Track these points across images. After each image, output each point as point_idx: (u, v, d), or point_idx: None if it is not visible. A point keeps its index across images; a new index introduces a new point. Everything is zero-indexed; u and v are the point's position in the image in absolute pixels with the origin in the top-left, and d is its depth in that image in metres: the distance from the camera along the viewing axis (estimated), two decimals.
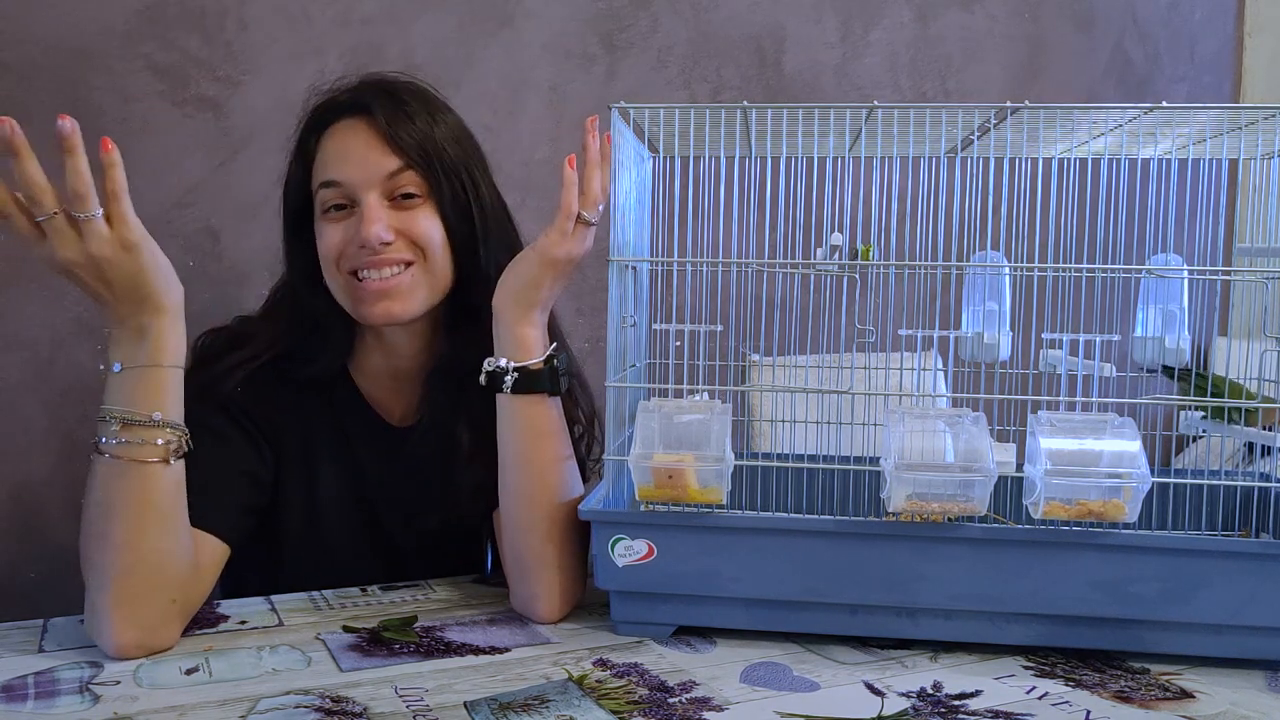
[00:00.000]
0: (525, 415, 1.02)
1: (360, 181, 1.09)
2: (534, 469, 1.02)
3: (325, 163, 1.11)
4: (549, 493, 1.02)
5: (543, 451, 1.02)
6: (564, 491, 1.03)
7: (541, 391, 1.01)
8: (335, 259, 1.10)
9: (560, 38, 1.95)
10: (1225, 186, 1.08)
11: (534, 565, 1.02)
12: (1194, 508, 1.07)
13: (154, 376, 0.90)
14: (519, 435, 1.02)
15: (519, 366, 1.01)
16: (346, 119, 1.12)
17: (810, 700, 0.85)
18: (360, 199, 1.09)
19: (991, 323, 1.07)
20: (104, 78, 1.60)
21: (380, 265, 1.08)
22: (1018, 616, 0.93)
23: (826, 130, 1.05)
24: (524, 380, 1.01)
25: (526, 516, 1.02)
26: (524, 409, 1.02)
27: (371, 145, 1.09)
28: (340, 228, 1.10)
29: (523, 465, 1.02)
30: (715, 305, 1.09)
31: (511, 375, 1.01)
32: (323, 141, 1.12)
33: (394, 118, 1.10)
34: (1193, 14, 2.65)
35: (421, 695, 0.85)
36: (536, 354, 1.01)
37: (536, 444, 1.02)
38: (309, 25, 1.73)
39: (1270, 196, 1.04)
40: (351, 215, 1.10)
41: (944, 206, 1.06)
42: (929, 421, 0.94)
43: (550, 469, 1.02)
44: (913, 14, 2.29)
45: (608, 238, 0.99)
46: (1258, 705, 0.85)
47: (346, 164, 1.10)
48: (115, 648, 0.91)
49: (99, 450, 0.90)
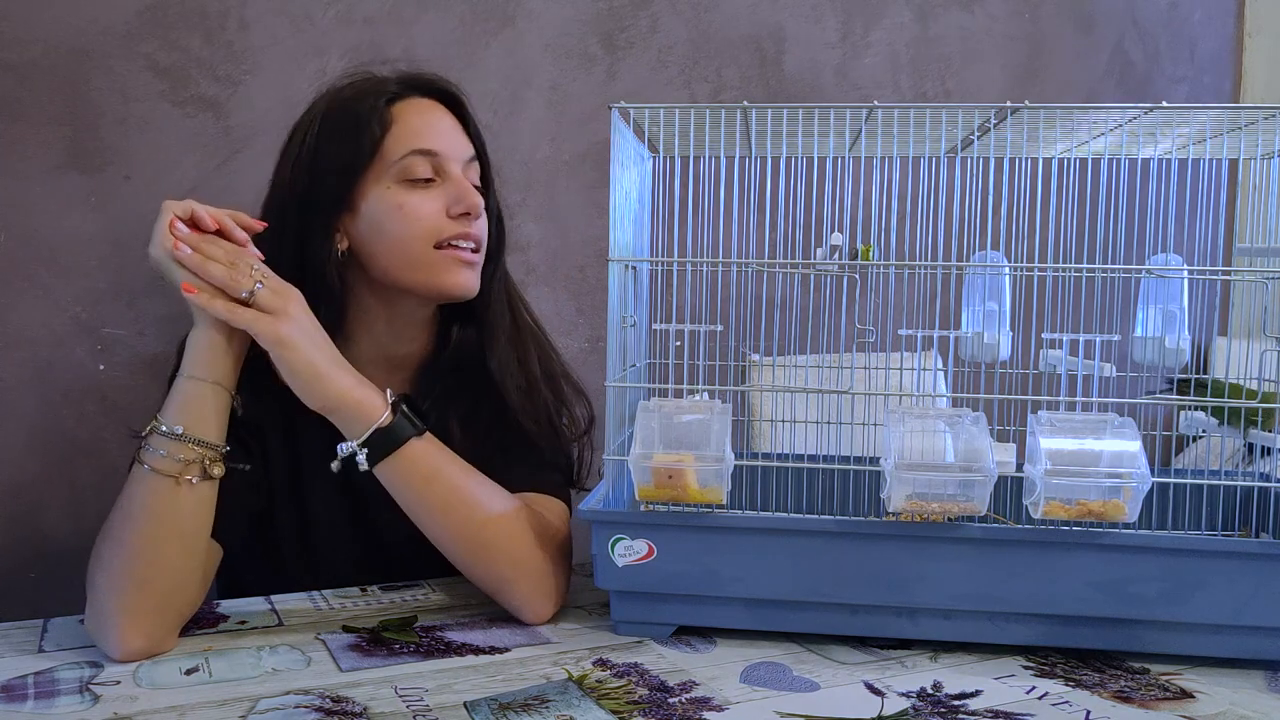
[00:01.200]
0: (405, 471, 0.99)
1: (453, 154, 1.10)
2: (446, 510, 1.00)
3: (415, 131, 1.10)
4: (475, 522, 1.00)
5: (443, 490, 1.00)
6: (487, 510, 1.01)
7: (407, 439, 0.99)
8: (428, 227, 1.08)
9: (561, 38, 1.95)
10: (1225, 186, 1.08)
11: (501, 587, 1.02)
12: (1194, 508, 1.07)
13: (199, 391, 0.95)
14: (411, 489, 1.00)
15: (368, 437, 0.98)
16: (419, 98, 1.13)
17: (810, 700, 0.85)
18: (449, 171, 1.10)
19: (991, 323, 1.07)
20: (104, 78, 1.60)
21: (473, 239, 1.10)
22: (1018, 616, 0.93)
23: (826, 130, 1.05)
24: (383, 443, 0.98)
25: (468, 555, 1.01)
26: (401, 466, 0.99)
27: (454, 126, 1.13)
28: (429, 197, 1.09)
29: (434, 513, 1.00)
30: (715, 305, 1.09)
31: (363, 452, 0.98)
32: (402, 111, 1.11)
33: (464, 108, 1.15)
34: (1193, 14, 2.65)
35: (421, 695, 0.85)
36: (374, 413, 0.98)
37: (432, 489, 1.00)
38: (310, 25, 1.73)
39: (1270, 196, 1.04)
40: (438, 188, 1.10)
41: (944, 206, 1.06)
42: (929, 421, 0.94)
43: (460, 501, 1.00)
44: (913, 14, 2.28)
45: (608, 238, 0.99)
46: (1258, 705, 0.85)
47: (440, 136, 1.10)
48: (120, 654, 0.91)
49: (139, 458, 0.93)
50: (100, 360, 1.60)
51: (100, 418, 1.55)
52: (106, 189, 1.61)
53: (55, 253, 1.59)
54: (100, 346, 1.60)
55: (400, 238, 1.08)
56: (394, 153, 1.09)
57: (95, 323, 1.60)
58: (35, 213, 1.58)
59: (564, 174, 1.96)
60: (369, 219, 1.09)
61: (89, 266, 1.60)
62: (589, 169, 1.98)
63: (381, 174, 1.09)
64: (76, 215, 1.60)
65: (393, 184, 1.09)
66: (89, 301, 1.60)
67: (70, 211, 1.60)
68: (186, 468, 0.93)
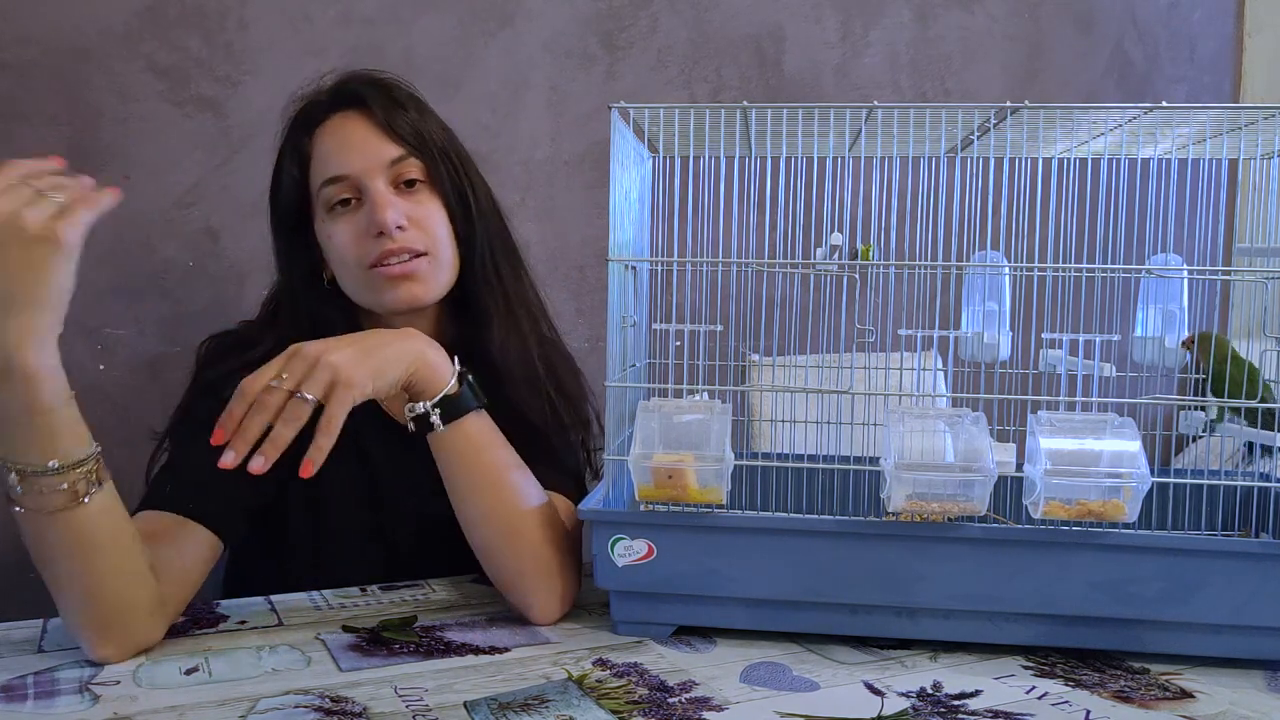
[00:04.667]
0: (459, 440, 0.99)
1: (364, 170, 1.09)
2: (490, 488, 1.00)
3: (325, 159, 1.11)
4: (512, 505, 1.00)
5: (491, 467, 1.00)
6: (525, 499, 1.01)
7: (470, 410, 0.98)
8: (353, 254, 1.10)
9: (560, 38, 1.95)
10: (1225, 186, 1.08)
11: (518, 579, 1.01)
12: (1194, 508, 1.07)
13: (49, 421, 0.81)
14: (462, 463, 0.99)
15: (438, 400, 0.97)
16: (338, 113, 1.13)
17: (810, 700, 0.85)
18: (367, 188, 1.09)
19: (991, 323, 1.07)
20: (104, 78, 1.60)
21: (399, 253, 1.09)
22: (1018, 616, 0.93)
23: (826, 130, 1.05)
24: (449, 409, 0.97)
25: (498, 539, 1.00)
26: (457, 435, 0.98)
27: (370, 135, 1.11)
28: (351, 223, 1.10)
29: (477, 491, 1.00)
30: (715, 305, 1.09)
31: (435, 412, 0.97)
32: (317, 139, 1.12)
33: (388, 107, 1.12)
34: (1192, 14, 2.65)
35: (421, 695, 0.85)
36: (447, 375, 0.98)
37: (481, 461, 1.00)
38: (309, 25, 1.73)
39: (1270, 196, 1.04)
40: (359, 209, 1.10)
41: (944, 206, 1.06)
42: (929, 421, 0.94)
43: (503, 482, 1.00)
44: (913, 14, 2.28)
45: (608, 238, 0.99)
46: (1258, 705, 0.85)
47: (348, 156, 1.10)
48: (97, 659, 0.90)
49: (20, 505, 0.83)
50: (100, 360, 1.60)
51: (100, 418, 1.55)
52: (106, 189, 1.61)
53: None
54: (100, 346, 1.60)
55: (339, 265, 1.13)
56: (314, 186, 1.12)
57: (95, 323, 1.60)
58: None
59: (564, 174, 1.96)
60: (323, 251, 1.14)
61: (89, 266, 1.59)
62: (589, 169, 1.98)
63: (316, 207, 1.13)
64: None
65: (324, 215, 1.12)
66: (89, 301, 1.60)
67: None
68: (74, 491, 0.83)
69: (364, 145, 1.10)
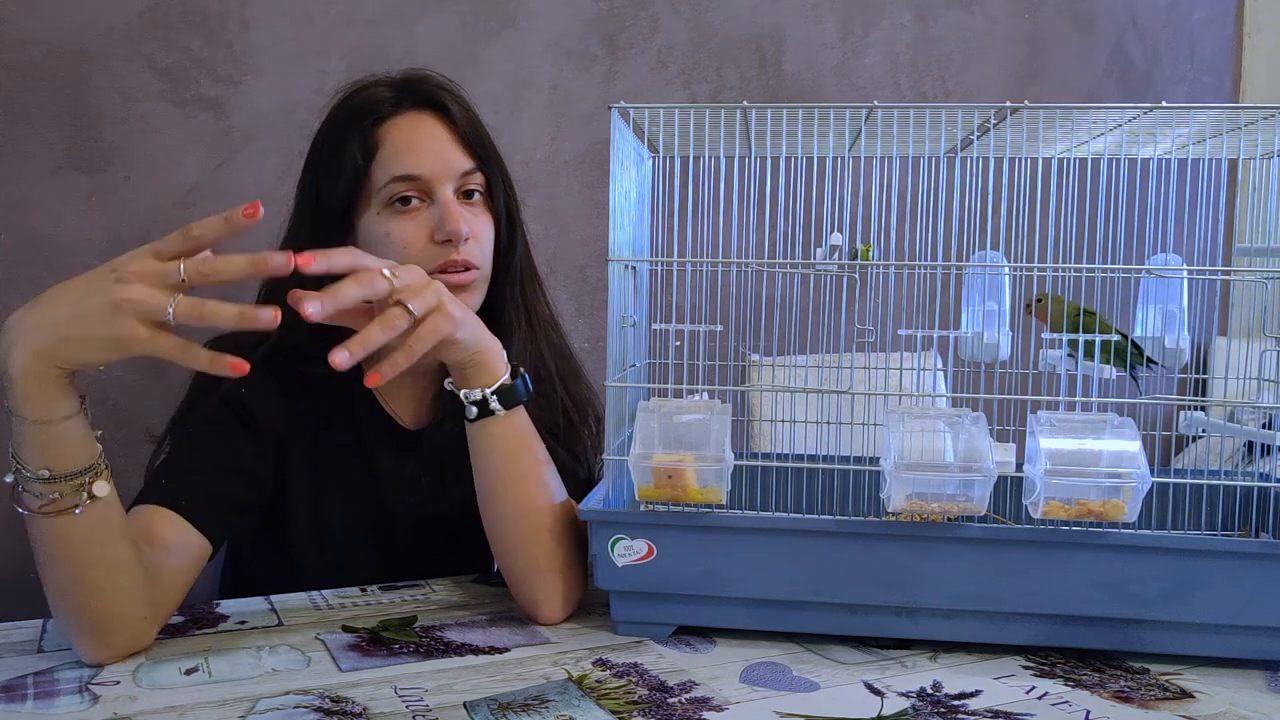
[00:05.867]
0: (505, 432, 0.99)
1: (436, 175, 1.09)
2: (524, 481, 1.00)
3: (397, 155, 1.09)
4: (541, 501, 1.00)
5: (527, 461, 1.00)
6: (552, 495, 1.02)
7: (520, 403, 0.99)
8: (414, 256, 1.07)
9: (561, 38, 1.95)
10: (1225, 186, 1.08)
11: (534, 575, 1.01)
12: (1194, 508, 1.07)
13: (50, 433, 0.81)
14: (502, 452, 0.99)
15: (497, 388, 0.97)
16: (412, 111, 1.11)
17: (810, 700, 0.85)
18: (436, 193, 1.08)
19: (991, 322, 1.07)
20: (105, 78, 1.60)
21: (460, 264, 1.08)
22: (1018, 616, 0.93)
23: (826, 130, 1.05)
24: (505, 398, 0.98)
25: (523, 531, 1.00)
26: (504, 426, 0.99)
27: (446, 141, 1.10)
28: (415, 223, 1.08)
29: (511, 481, 1.00)
30: (715, 305, 1.09)
31: (494, 398, 0.97)
32: (387, 133, 1.10)
33: (464, 117, 1.12)
34: (1192, 14, 2.65)
35: (421, 695, 0.85)
36: (504, 365, 0.98)
37: (520, 455, 1.00)
38: (311, 26, 1.73)
39: (1270, 196, 1.04)
40: (421, 211, 1.09)
41: (944, 206, 1.06)
42: (929, 421, 0.94)
43: (537, 477, 1.01)
44: (913, 14, 2.28)
45: (608, 238, 0.99)
46: (1258, 705, 0.85)
47: (422, 157, 1.09)
48: (90, 661, 0.90)
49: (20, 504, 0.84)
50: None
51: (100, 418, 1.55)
52: (107, 189, 1.61)
53: (56, 252, 1.59)
54: None
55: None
56: (378, 179, 1.08)
57: None
58: (36, 213, 1.58)
59: (564, 174, 1.96)
60: (365, 243, 1.09)
61: (89, 266, 1.59)
62: (589, 169, 1.98)
63: (370, 199, 1.09)
64: (77, 215, 1.60)
65: (380, 209, 1.09)
66: None
67: (71, 211, 1.60)
68: (64, 500, 0.83)
69: (440, 150, 1.10)
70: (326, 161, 1.10)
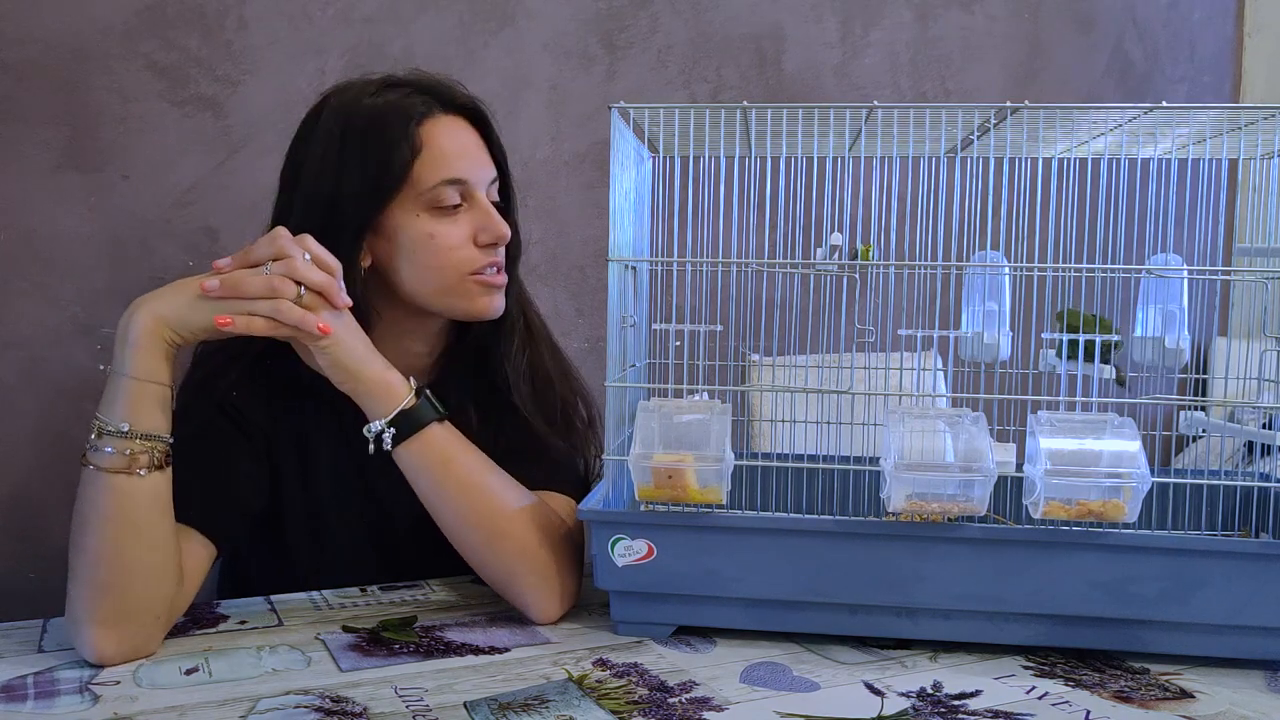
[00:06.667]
0: (425, 454, 1.00)
1: (477, 180, 1.10)
2: (462, 495, 1.01)
3: (446, 158, 1.07)
4: (490, 511, 1.01)
5: (460, 476, 1.01)
6: (504, 502, 1.01)
7: (429, 423, 1.00)
8: (458, 258, 1.08)
9: (560, 37, 1.95)
10: (1225, 186, 1.08)
11: (509, 580, 1.02)
12: (1194, 508, 1.07)
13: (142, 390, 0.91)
14: (430, 474, 1.01)
15: (393, 417, 0.99)
16: (449, 115, 1.10)
17: (810, 700, 0.85)
18: (475, 198, 1.10)
19: (991, 323, 1.07)
20: (104, 77, 1.60)
21: (498, 264, 1.11)
22: (1018, 616, 0.93)
23: (826, 130, 1.05)
24: (406, 424, 0.99)
25: (480, 544, 1.01)
26: (421, 449, 1.00)
27: (480, 147, 1.12)
28: (459, 226, 1.09)
29: (448, 497, 1.01)
30: (715, 305, 1.09)
31: (389, 431, 0.99)
32: (430, 133, 1.07)
33: (489, 126, 1.14)
34: (1192, 14, 2.65)
35: (421, 695, 0.85)
36: (402, 392, 1.00)
37: (447, 470, 1.01)
38: (309, 24, 1.73)
39: (1270, 196, 1.04)
40: (462, 214, 1.09)
41: (944, 206, 1.06)
42: (929, 421, 0.94)
43: (476, 487, 1.01)
44: (913, 14, 2.28)
45: (608, 238, 0.99)
46: (1258, 705, 0.85)
47: (467, 162, 1.09)
48: (94, 658, 0.90)
49: (85, 460, 0.91)
50: (99, 360, 1.60)
51: None
52: (105, 189, 1.61)
53: (54, 252, 1.59)
54: (99, 346, 1.60)
55: (431, 266, 1.08)
56: (425, 181, 1.06)
57: (94, 322, 1.60)
58: (34, 212, 1.58)
59: (564, 174, 1.96)
60: (397, 243, 1.08)
61: (88, 266, 1.60)
62: (589, 169, 1.98)
63: (411, 200, 1.07)
64: (75, 215, 1.60)
65: (422, 211, 1.07)
66: (87, 301, 1.60)
67: (69, 211, 1.60)
68: (134, 459, 0.90)
69: (478, 156, 1.11)
70: (361, 159, 1.06)
